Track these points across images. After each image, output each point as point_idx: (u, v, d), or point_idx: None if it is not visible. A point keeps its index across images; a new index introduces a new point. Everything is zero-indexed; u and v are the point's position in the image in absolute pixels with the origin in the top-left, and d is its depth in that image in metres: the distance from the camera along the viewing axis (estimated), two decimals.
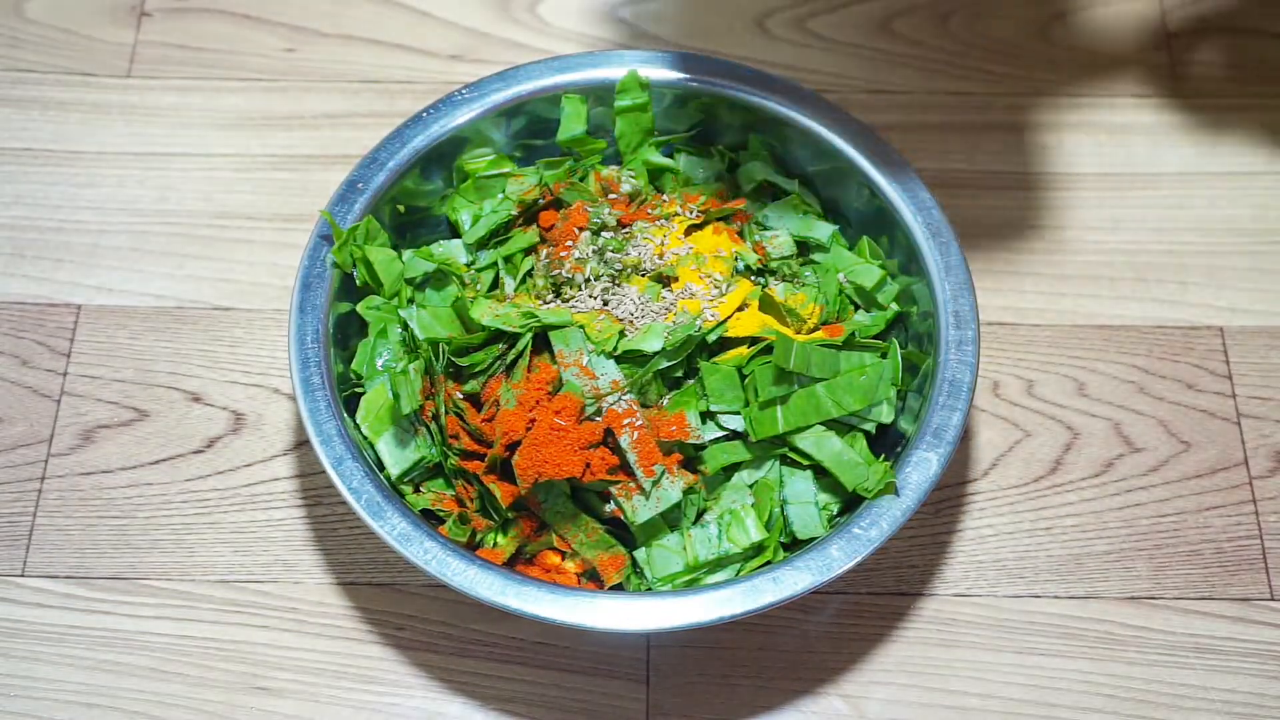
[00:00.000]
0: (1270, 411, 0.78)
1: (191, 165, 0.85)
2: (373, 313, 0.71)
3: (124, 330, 0.80)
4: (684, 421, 0.66)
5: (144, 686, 0.70)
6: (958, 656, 0.72)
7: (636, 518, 0.65)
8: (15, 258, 0.82)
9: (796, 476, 0.68)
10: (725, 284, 0.70)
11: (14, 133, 0.86)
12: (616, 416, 0.65)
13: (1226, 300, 0.82)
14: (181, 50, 0.90)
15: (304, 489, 0.76)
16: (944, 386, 0.67)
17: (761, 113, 0.75)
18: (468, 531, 0.67)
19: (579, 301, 0.70)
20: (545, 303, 0.71)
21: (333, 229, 0.70)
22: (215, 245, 0.83)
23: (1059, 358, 0.80)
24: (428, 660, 0.71)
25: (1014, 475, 0.76)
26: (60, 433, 0.77)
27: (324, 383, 0.67)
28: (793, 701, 0.70)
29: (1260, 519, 0.75)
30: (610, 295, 0.70)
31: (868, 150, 0.73)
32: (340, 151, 0.86)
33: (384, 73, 0.89)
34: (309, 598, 0.73)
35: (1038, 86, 0.89)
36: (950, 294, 0.70)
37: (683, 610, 0.62)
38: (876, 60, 0.90)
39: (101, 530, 0.74)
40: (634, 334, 0.68)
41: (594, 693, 0.70)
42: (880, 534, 0.64)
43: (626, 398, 0.66)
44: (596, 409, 0.66)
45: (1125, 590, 0.73)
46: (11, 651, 0.71)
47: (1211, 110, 0.88)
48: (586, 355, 0.67)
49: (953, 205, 0.83)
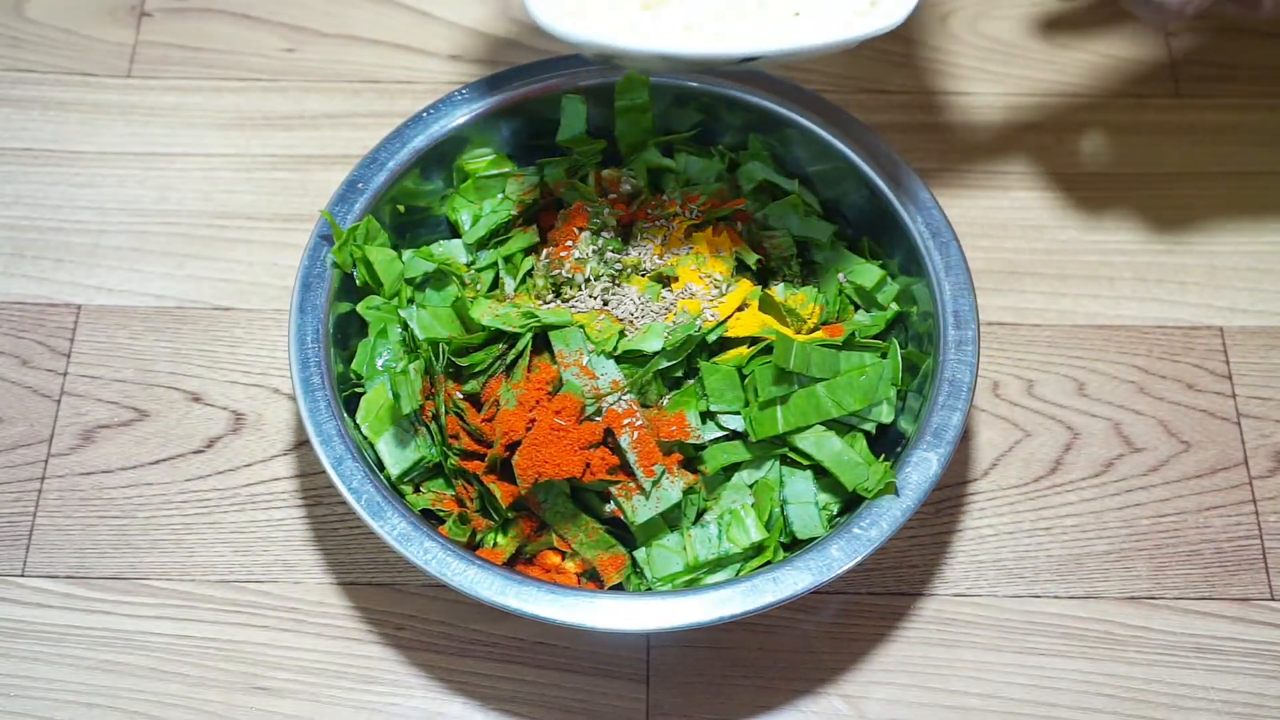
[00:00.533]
0: (1270, 411, 0.78)
1: (191, 165, 0.85)
2: (373, 313, 0.71)
3: (124, 330, 0.80)
4: (684, 421, 0.66)
5: (144, 686, 0.70)
6: (958, 656, 0.72)
7: (636, 518, 0.65)
8: (15, 258, 0.82)
9: (796, 476, 0.68)
10: (725, 284, 0.70)
11: (14, 133, 0.86)
12: (616, 416, 0.65)
13: (1226, 300, 0.82)
14: (181, 50, 0.90)
15: (304, 489, 0.76)
16: (944, 386, 0.67)
17: (761, 113, 0.75)
18: (468, 531, 0.67)
19: (579, 301, 0.70)
20: (545, 303, 0.71)
21: (333, 229, 0.70)
22: (215, 245, 0.83)
23: (1059, 358, 0.80)
24: (428, 660, 0.71)
25: (1014, 475, 0.76)
26: (60, 433, 0.77)
27: (324, 383, 0.67)
28: (793, 701, 0.70)
29: (1260, 519, 0.75)
30: (610, 295, 0.70)
31: (868, 150, 0.73)
32: (340, 151, 0.86)
33: (384, 73, 0.89)
34: (309, 598, 0.73)
35: (1038, 86, 0.89)
36: (950, 294, 0.70)
37: (683, 610, 0.62)
38: (876, 60, 0.90)
39: (101, 530, 0.74)
40: (634, 334, 0.68)
41: (594, 693, 0.70)
42: (880, 534, 0.64)
43: (626, 398, 0.66)
44: (596, 409, 0.66)
45: (1125, 590, 0.73)
46: (11, 651, 0.71)
47: (1211, 110, 0.88)
48: (586, 355, 0.67)
49: (953, 205, 0.83)
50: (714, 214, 0.73)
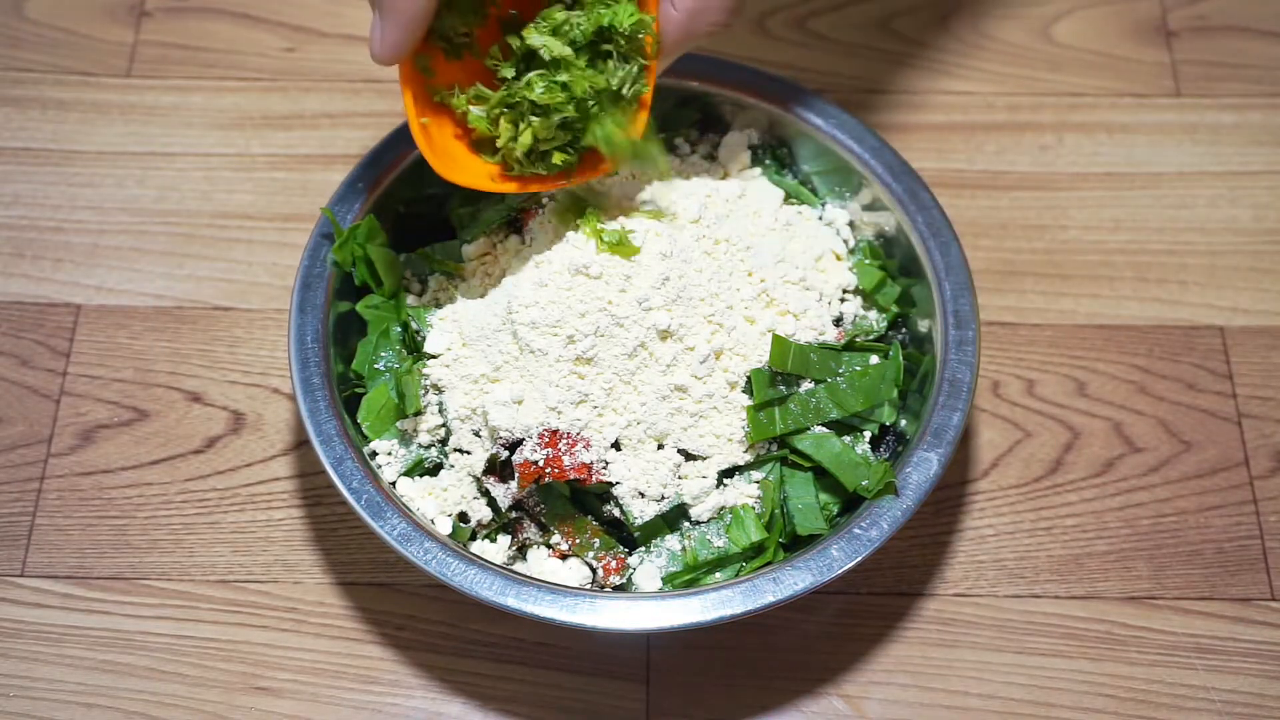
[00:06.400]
0: (1270, 411, 0.78)
1: (191, 165, 0.85)
2: (372, 312, 0.71)
3: (124, 330, 0.80)
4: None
5: (143, 686, 0.70)
6: (958, 656, 0.72)
7: (637, 519, 0.65)
8: (15, 258, 0.82)
9: (797, 477, 0.67)
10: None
11: (14, 132, 0.86)
12: None
13: (1227, 300, 0.82)
14: (181, 50, 0.90)
15: (304, 489, 0.76)
16: (944, 386, 0.67)
17: (762, 113, 0.75)
18: (468, 531, 0.67)
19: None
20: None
21: (334, 227, 0.70)
22: (215, 245, 0.83)
23: (1059, 358, 0.80)
24: (428, 660, 0.71)
25: (1014, 475, 0.76)
26: (60, 433, 0.77)
27: (324, 383, 0.67)
28: (793, 701, 0.70)
29: (1260, 519, 0.75)
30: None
31: (868, 150, 0.73)
32: (340, 151, 0.86)
33: (384, 72, 0.89)
34: (309, 598, 0.73)
35: (1038, 86, 0.89)
36: (950, 294, 0.70)
37: (683, 610, 0.62)
38: (876, 60, 0.90)
39: (101, 530, 0.74)
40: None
41: (594, 693, 0.70)
42: (880, 534, 0.64)
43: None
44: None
45: (1125, 590, 0.73)
46: (11, 651, 0.71)
47: (1211, 110, 0.88)
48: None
49: (953, 205, 0.83)
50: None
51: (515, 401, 0.65)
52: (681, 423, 0.65)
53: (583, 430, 0.64)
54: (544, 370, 0.64)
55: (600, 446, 0.64)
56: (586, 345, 0.64)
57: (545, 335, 0.64)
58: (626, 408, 0.65)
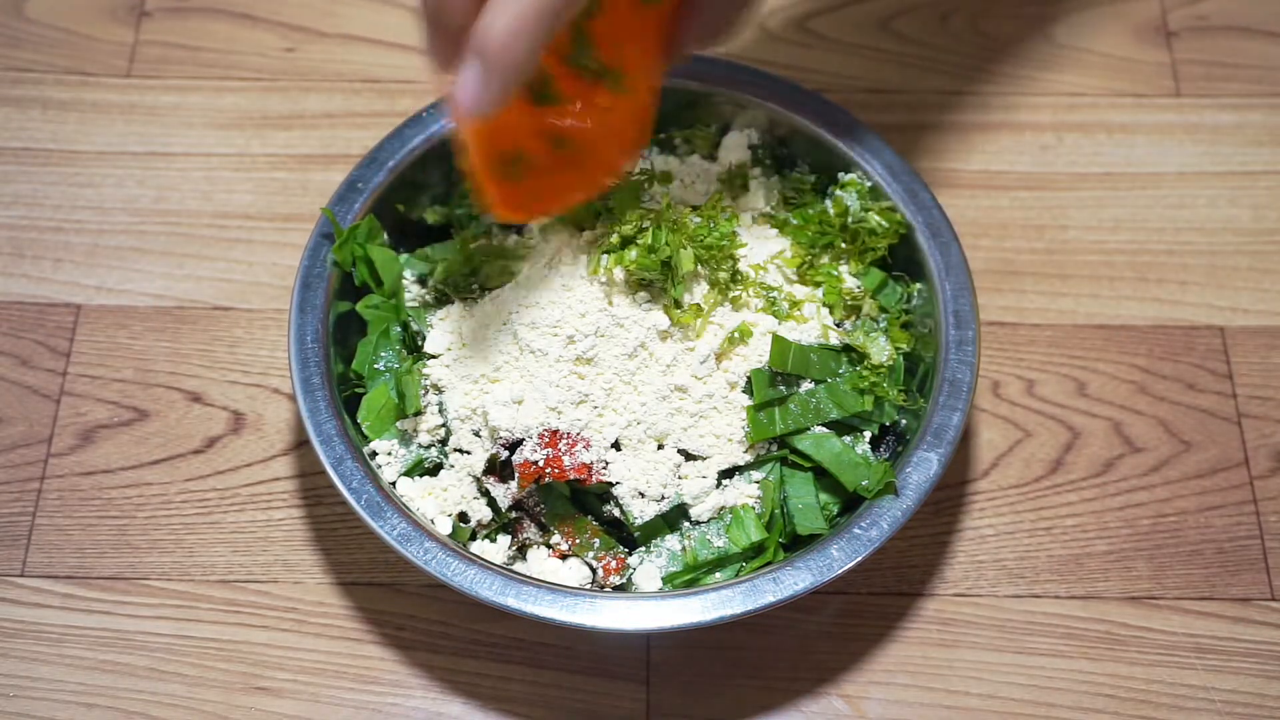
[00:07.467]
0: (1270, 411, 0.78)
1: (191, 165, 0.85)
2: (372, 312, 0.71)
3: (124, 330, 0.80)
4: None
5: (143, 686, 0.70)
6: (958, 656, 0.72)
7: (637, 519, 0.65)
8: (15, 258, 0.82)
9: (797, 477, 0.67)
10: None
11: (13, 132, 0.86)
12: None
13: (1227, 300, 0.82)
14: (181, 50, 0.90)
15: (304, 489, 0.76)
16: (944, 386, 0.67)
17: (762, 112, 0.75)
18: (468, 531, 0.67)
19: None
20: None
21: (334, 226, 0.70)
22: (215, 245, 0.83)
23: (1059, 358, 0.80)
24: (428, 660, 0.71)
25: (1014, 475, 0.76)
26: (60, 433, 0.77)
27: (324, 383, 0.67)
28: (793, 701, 0.70)
29: (1261, 519, 0.75)
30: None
31: (868, 151, 0.73)
32: (340, 151, 0.86)
33: (384, 72, 0.89)
34: (309, 598, 0.73)
35: (1037, 86, 0.89)
36: (950, 294, 0.70)
37: (683, 610, 0.62)
38: (876, 60, 0.90)
39: (101, 530, 0.74)
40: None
41: (594, 693, 0.70)
42: (880, 534, 0.64)
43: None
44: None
45: (1126, 590, 0.73)
46: (11, 651, 0.71)
47: (1211, 110, 0.88)
48: None
49: (952, 205, 0.83)
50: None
51: (515, 401, 0.65)
52: (681, 423, 0.65)
53: (583, 430, 0.64)
54: (544, 370, 0.64)
55: (600, 446, 0.64)
56: (586, 345, 0.64)
57: (545, 335, 0.65)
58: (626, 408, 0.65)
